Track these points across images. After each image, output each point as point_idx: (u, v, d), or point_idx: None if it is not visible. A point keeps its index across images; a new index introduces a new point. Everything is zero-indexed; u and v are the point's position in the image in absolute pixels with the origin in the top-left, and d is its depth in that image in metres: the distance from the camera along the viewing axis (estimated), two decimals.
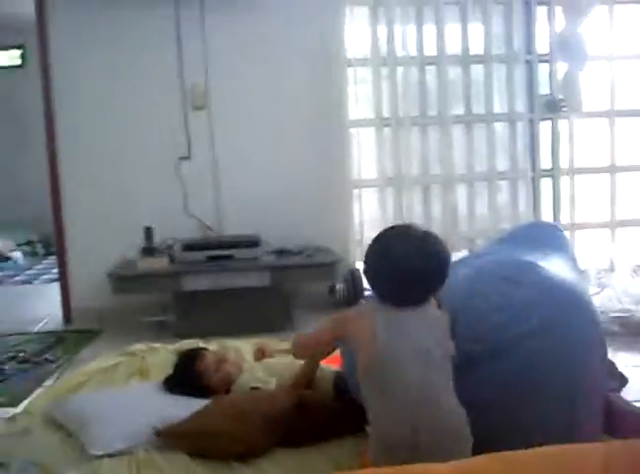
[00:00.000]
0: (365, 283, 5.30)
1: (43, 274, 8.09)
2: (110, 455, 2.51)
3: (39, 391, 3.78)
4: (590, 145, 5.96)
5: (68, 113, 5.29)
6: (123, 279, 4.76)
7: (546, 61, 5.72)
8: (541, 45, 5.72)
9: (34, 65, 7.97)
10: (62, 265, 5.49)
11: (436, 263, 2.12)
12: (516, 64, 5.53)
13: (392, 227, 2.27)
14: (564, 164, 5.81)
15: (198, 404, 2.74)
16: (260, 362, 3.21)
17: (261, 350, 3.34)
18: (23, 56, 10.06)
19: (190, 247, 4.87)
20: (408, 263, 2.09)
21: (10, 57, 10.16)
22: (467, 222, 5.59)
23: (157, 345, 3.83)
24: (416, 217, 5.47)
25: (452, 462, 1.20)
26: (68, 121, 5.30)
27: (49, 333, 5.11)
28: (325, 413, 2.68)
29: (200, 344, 3.64)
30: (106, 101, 5.28)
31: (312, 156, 5.39)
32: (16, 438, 2.78)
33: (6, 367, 4.24)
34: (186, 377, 3.04)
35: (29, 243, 9.59)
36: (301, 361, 2.89)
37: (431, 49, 5.48)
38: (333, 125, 5.37)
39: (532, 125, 5.70)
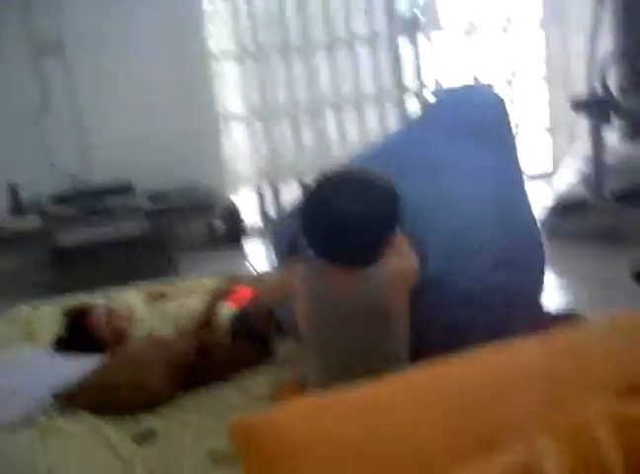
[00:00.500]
0: (244, 218, 5.31)
1: None
2: (8, 429, 2.41)
3: None
4: (449, 62, 6.03)
5: None
6: None
7: None
8: None
9: None
10: None
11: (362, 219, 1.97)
12: None
13: (327, 178, 2.06)
14: (428, 82, 5.87)
15: (93, 362, 2.65)
16: (152, 308, 3.16)
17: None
18: None
19: (60, 200, 4.68)
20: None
21: None
22: (338, 147, 5.60)
23: (40, 305, 3.69)
24: (287, 147, 5.44)
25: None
26: None
27: None
28: (224, 354, 2.67)
29: (85, 298, 3.52)
30: None
31: (176, 93, 5.25)
32: None
33: None
34: (77, 335, 2.93)
35: None
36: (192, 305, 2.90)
37: None
38: (194, 60, 5.21)
39: (393, 45, 5.70)
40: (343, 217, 1.95)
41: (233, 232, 5.24)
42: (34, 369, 2.78)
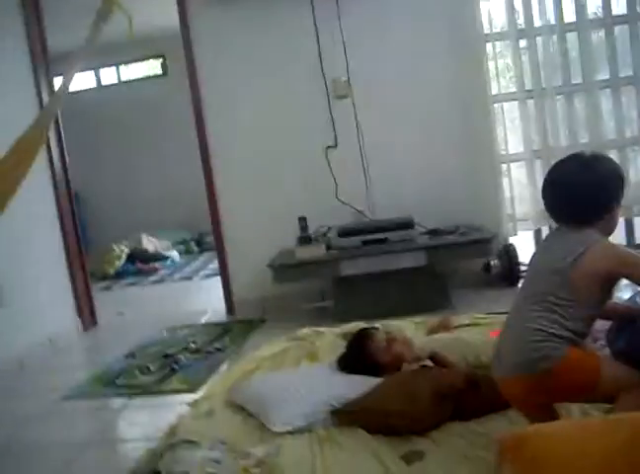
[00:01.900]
0: (520, 258, 5.30)
1: (200, 269, 8.42)
2: (290, 433, 2.65)
3: (214, 378, 4.00)
4: None
5: (216, 113, 5.51)
6: (283, 269, 4.90)
7: None
8: None
9: (175, 74, 8.39)
10: (221, 259, 5.71)
11: (562, 191, 2.27)
12: None
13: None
14: None
15: (369, 383, 2.83)
16: (429, 338, 3.27)
17: (443, 323, 3.36)
18: (163, 65, 10.51)
19: (345, 233, 4.96)
20: (549, 181, 2.33)
21: (150, 67, 10.64)
22: None
23: (322, 329, 3.95)
24: None
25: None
26: (218, 119, 5.51)
27: (215, 324, 5.36)
28: (493, 386, 2.71)
29: (363, 325, 3.71)
30: (251, 100, 5.46)
31: (457, 134, 5.38)
32: (201, 420, 2.97)
33: (181, 357, 4.48)
34: (358, 356, 3.13)
35: (183, 242, 10.01)
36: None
37: (570, 16, 5.33)
38: (475, 102, 5.32)
39: None
40: (560, 174, 2.31)
41: (509, 272, 5.24)
42: (316, 382, 3.01)
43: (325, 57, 5.33)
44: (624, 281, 2.24)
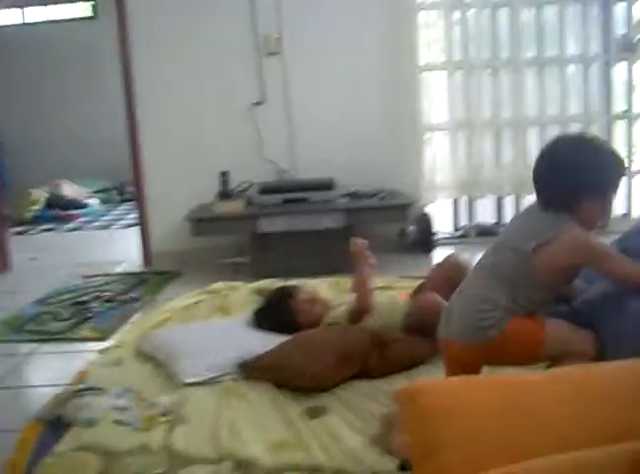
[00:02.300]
0: (435, 227, 5.41)
1: (120, 219, 8.35)
2: (198, 384, 2.68)
3: (125, 327, 3.99)
4: None
5: (144, 62, 5.41)
6: (202, 222, 4.91)
7: (623, 0, 5.60)
8: None
9: (105, 18, 8.19)
10: (141, 210, 5.67)
11: (547, 167, 2.19)
12: (590, 4, 5.43)
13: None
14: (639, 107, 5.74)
15: (278, 339, 2.87)
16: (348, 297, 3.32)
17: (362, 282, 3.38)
18: (94, 8, 10.27)
19: (266, 190, 4.99)
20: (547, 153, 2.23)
21: (81, 9, 10.38)
22: None
23: (236, 283, 3.98)
24: (487, 161, 5.49)
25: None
26: (144, 71, 5.42)
27: (131, 274, 5.32)
28: (398, 349, 2.79)
29: (277, 282, 3.75)
30: (180, 50, 5.40)
31: (384, 101, 5.42)
32: (110, 368, 2.97)
33: (93, 306, 4.46)
34: (278, 313, 3.17)
35: (104, 190, 9.86)
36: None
37: None
38: (404, 70, 5.37)
39: (607, 67, 5.61)
40: (549, 155, 2.22)
41: (424, 240, 5.35)
42: (227, 335, 3.04)
43: (258, 13, 5.29)
44: None
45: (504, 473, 1.05)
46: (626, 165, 2.31)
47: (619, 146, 5.75)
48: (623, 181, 2.24)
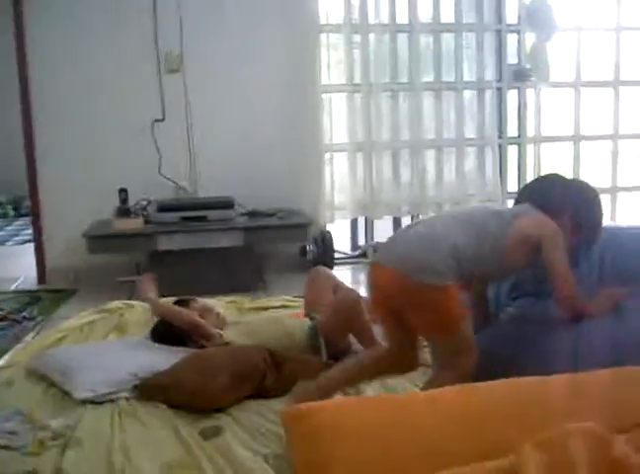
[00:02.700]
0: (336, 246, 5.49)
1: (15, 235, 8.12)
2: (93, 402, 2.65)
3: (18, 346, 3.88)
4: (555, 114, 6.11)
5: (43, 76, 5.30)
6: (99, 239, 4.84)
7: (515, 31, 5.83)
8: (511, 15, 5.81)
9: (2, 36, 7.93)
10: (36, 226, 5.54)
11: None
12: (485, 33, 5.63)
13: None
14: (530, 132, 5.96)
15: (175, 357, 2.87)
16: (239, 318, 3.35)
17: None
18: None
19: (164, 208, 4.96)
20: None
21: None
22: (435, 187, 5.73)
23: (133, 302, 3.94)
24: (385, 182, 5.60)
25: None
26: (43, 84, 5.31)
27: (25, 292, 5.19)
28: (293, 367, 2.82)
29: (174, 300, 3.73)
30: (81, 66, 5.30)
31: (285, 120, 5.48)
32: (0, 390, 2.89)
33: None
34: (172, 326, 3.17)
35: None
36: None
37: (403, 17, 5.57)
38: (305, 90, 5.44)
39: (500, 94, 5.83)
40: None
41: (323, 258, 5.40)
42: (123, 353, 3.02)
43: (160, 30, 5.27)
44: None
45: None
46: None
47: (511, 169, 5.97)
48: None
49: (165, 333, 3.18)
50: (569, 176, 3.02)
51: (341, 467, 1.19)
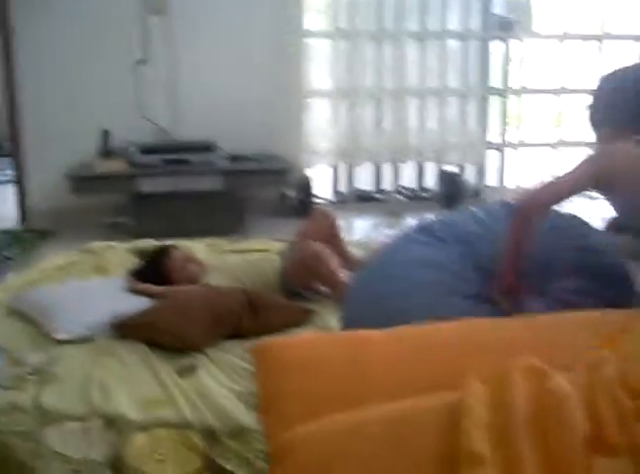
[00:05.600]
0: (315, 191, 5.52)
1: None
2: (71, 342, 2.70)
3: None
4: (539, 67, 6.12)
5: (27, 14, 5.26)
6: (81, 180, 4.86)
7: None
8: None
9: None
10: (18, 166, 5.55)
11: None
12: None
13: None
14: (513, 84, 5.97)
15: (153, 300, 2.92)
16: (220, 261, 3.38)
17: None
18: None
19: (147, 150, 4.98)
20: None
21: None
22: (417, 135, 5.75)
23: (114, 243, 3.97)
24: (367, 128, 5.62)
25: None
26: (27, 22, 5.27)
27: (6, 232, 5.21)
28: (271, 310, 2.87)
29: (155, 243, 3.77)
30: (64, 5, 5.27)
31: (269, 64, 5.46)
32: None
33: None
34: (152, 271, 3.22)
35: None
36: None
37: None
38: (290, 34, 5.42)
39: (485, 44, 5.82)
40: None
41: (303, 204, 5.45)
42: (103, 294, 3.06)
43: None
44: None
45: (334, 421, 1.17)
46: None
47: (494, 120, 5.99)
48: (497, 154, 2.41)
49: (151, 273, 3.22)
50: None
51: (295, 400, 1.27)
